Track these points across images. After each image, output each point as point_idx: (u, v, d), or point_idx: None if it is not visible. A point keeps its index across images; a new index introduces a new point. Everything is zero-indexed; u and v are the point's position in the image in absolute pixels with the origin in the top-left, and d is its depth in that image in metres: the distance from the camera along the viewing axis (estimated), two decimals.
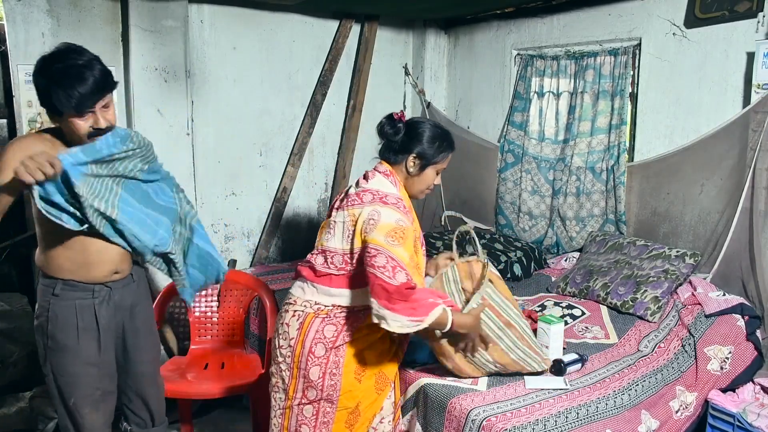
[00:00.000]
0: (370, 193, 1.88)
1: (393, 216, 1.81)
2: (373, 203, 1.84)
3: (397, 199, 1.87)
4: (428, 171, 1.98)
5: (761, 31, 2.80)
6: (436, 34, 4.55)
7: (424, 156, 1.95)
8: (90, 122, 1.75)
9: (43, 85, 1.70)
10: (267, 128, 4.10)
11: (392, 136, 1.96)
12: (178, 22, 3.40)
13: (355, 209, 1.86)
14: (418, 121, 2.01)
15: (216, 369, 2.82)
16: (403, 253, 1.75)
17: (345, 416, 1.90)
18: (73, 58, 1.71)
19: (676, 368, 2.48)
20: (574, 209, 3.71)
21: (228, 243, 4.04)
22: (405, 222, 1.81)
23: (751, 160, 2.80)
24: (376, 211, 1.81)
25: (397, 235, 1.77)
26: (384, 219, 1.79)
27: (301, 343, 1.87)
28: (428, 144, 1.96)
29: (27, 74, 3.13)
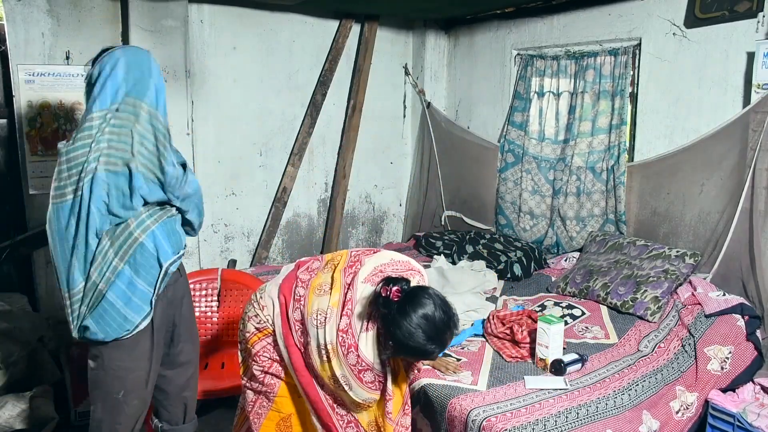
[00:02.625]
0: (353, 354, 1.65)
1: (362, 395, 1.71)
2: (350, 370, 1.66)
3: (374, 377, 1.69)
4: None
5: (761, 31, 2.80)
6: (436, 34, 4.55)
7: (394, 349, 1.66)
8: None
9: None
10: (267, 128, 4.10)
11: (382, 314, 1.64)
12: (178, 22, 3.40)
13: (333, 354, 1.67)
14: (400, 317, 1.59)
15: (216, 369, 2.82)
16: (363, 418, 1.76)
17: (277, 418, 1.90)
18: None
19: (676, 368, 2.48)
20: (574, 209, 3.71)
21: (228, 243, 4.04)
22: (373, 399, 1.74)
23: (751, 160, 2.80)
24: (347, 379, 1.67)
25: (362, 407, 1.76)
26: (353, 394, 1.70)
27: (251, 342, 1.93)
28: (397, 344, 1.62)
29: (27, 74, 3.14)
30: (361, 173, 4.57)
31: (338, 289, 1.71)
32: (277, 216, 4.17)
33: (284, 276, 1.90)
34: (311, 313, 1.71)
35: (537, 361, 2.39)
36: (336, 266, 1.79)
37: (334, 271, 1.77)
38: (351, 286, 1.70)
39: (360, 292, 1.69)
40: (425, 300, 1.61)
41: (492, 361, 2.44)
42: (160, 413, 2.12)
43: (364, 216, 4.70)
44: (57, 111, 3.23)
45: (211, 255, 3.96)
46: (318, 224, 4.47)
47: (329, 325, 1.67)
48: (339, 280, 1.73)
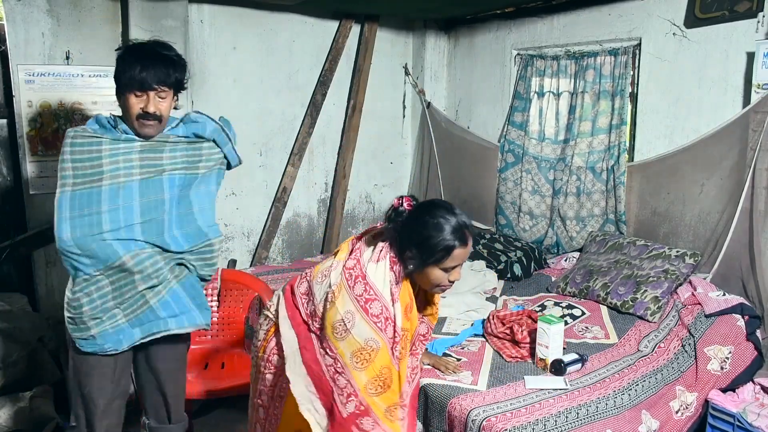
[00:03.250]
0: (363, 284, 1.58)
1: (364, 333, 1.54)
2: (357, 302, 1.56)
3: (381, 308, 1.56)
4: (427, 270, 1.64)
5: (761, 31, 2.80)
6: (436, 34, 4.55)
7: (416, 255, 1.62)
8: (142, 104, 1.83)
9: (117, 63, 1.83)
10: (267, 128, 4.10)
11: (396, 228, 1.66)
12: (178, 22, 3.40)
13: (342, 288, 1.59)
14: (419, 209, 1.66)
15: (216, 369, 2.82)
16: (362, 378, 1.55)
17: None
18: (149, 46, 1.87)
19: (676, 368, 2.48)
20: (574, 209, 3.71)
21: (228, 243, 4.04)
22: (376, 342, 1.54)
23: (751, 160, 2.80)
24: (351, 315, 1.55)
25: (363, 357, 1.55)
26: (355, 333, 1.55)
27: (263, 348, 1.83)
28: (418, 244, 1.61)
29: (27, 74, 3.14)
30: (361, 173, 4.57)
31: (344, 250, 1.71)
32: (277, 216, 4.18)
33: None
34: (317, 274, 1.70)
35: (537, 361, 2.39)
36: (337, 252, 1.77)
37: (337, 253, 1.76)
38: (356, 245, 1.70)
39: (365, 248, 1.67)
40: (439, 202, 1.64)
41: (492, 361, 2.44)
42: (147, 410, 2.12)
43: (364, 216, 4.70)
44: (57, 111, 3.23)
45: None
46: (318, 224, 4.47)
47: (335, 272, 1.63)
48: (344, 249, 1.73)
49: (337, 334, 1.56)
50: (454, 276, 1.64)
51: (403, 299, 1.60)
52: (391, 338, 1.57)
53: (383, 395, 1.57)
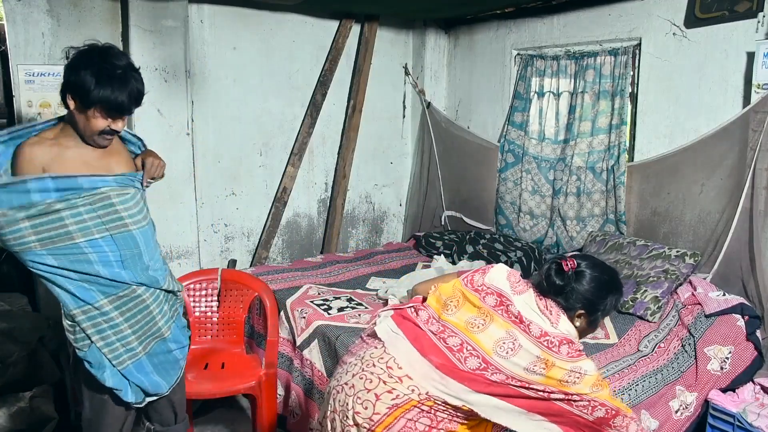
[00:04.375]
0: (567, 345, 1.65)
1: (591, 367, 1.66)
2: (572, 360, 1.64)
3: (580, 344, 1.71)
4: None
5: (761, 31, 2.80)
6: (436, 34, 4.55)
7: (595, 314, 1.76)
8: (109, 123, 1.78)
9: (84, 77, 1.71)
10: (267, 128, 4.10)
11: (559, 290, 1.72)
12: (178, 22, 3.40)
13: (550, 357, 1.62)
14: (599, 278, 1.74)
15: (216, 369, 2.82)
16: (604, 393, 1.66)
17: None
18: (119, 64, 1.75)
19: (676, 368, 2.48)
20: (574, 209, 3.71)
21: (228, 243, 4.04)
22: (597, 370, 1.70)
23: (751, 160, 2.80)
24: (577, 369, 1.63)
25: (599, 383, 1.65)
26: (588, 370, 1.64)
27: (384, 425, 1.58)
28: (604, 306, 1.76)
29: (27, 74, 3.14)
30: (361, 173, 4.57)
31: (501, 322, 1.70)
32: (277, 216, 4.18)
33: None
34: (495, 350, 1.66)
35: None
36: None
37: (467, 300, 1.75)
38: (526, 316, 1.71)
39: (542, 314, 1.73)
40: (595, 260, 1.79)
41: None
42: (150, 415, 2.12)
43: (364, 216, 4.70)
44: (57, 111, 3.23)
45: (211, 255, 3.96)
46: (318, 224, 4.47)
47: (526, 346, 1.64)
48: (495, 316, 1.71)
49: (571, 384, 1.62)
50: None
51: None
52: None
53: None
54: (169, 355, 1.99)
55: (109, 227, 1.83)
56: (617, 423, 1.66)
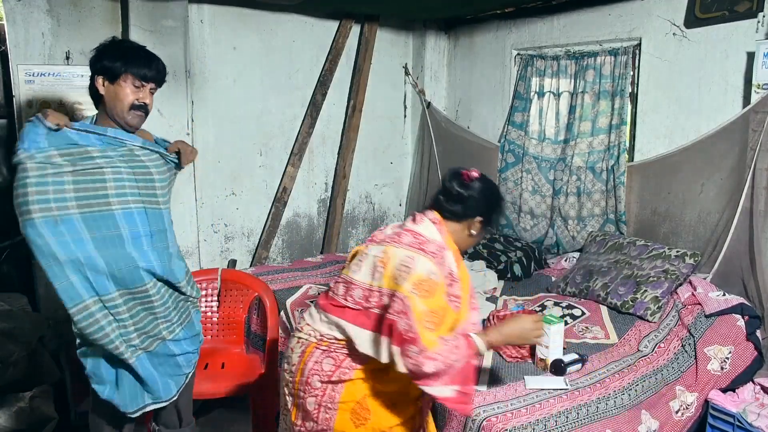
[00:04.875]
0: (411, 235, 1.73)
1: (426, 266, 1.66)
2: (411, 248, 1.69)
3: (438, 248, 1.72)
4: (483, 230, 1.88)
5: (761, 31, 2.80)
6: (436, 35, 4.55)
7: (489, 221, 1.86)
8: (139, 95, 1.86)
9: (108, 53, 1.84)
10: (267, 128, 4.10)
11: (459, 198, 1.80)
12: (178, 22, 3.40)
13: (390, 247, 1.71)
14: (492, 185, 1.88)
15: (216, 369, 2.82)
16: (420, 306, 1.62)
17: None
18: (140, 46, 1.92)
19: (676, 368, 2.48)
20: (574, 209, 3.71)
21: (228, 243, 4.04)
22: (437, 276, 1.67)
23: (751, 160, 2.80)
24: (410, 258, 1.66)
25: (424, 287, 1.63)
26: (419, 268, 1.65)
27: (300, 371, 1.77)
28: (498, 212, 1.88)
29: (27, 74, 3.14)
30: (361, 173, 4.57)
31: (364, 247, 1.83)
32: (277, 216, 4.18)
33: None
34: (351, 266, 1.81)
35: (537, 361, 2.39)
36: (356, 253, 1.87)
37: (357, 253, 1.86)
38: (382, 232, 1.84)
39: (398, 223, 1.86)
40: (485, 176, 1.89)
41: (492, 361, 2.44)
42: (158, 416, 2.12)
43: (364, 216, 4.70)
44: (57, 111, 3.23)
45: (211, 255, 3.96)
46: (318, 224, 4.47)
47: (373, 248, 1.77)
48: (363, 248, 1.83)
49: (399, 279, 1.64)
50: None
51: (451, 246, 1.78)
52: (448, 276, 1.71)
53: (435, 332, 1.63)
54: (171, 359, 1.99)
55: (144, 199, 1.88)
56: (411, 352, 1.60)
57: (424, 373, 1.60)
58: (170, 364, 1.99)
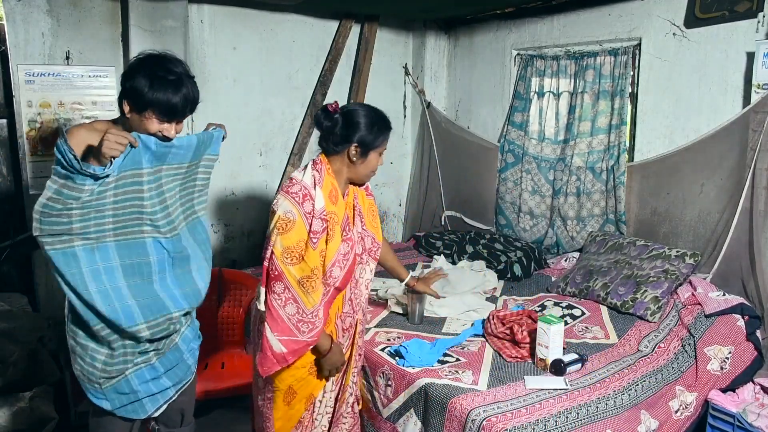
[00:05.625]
0: (288, 181, 1.95)
1: (284, 206, 1.86)
2: (280, 192, 1.91)
3: (301, 188, 1.88)
4: (371, 156, 1.99)
5: (761, 31, 2.80)
6: (436, 35, 4.55)
7: (364, 143, 1.95)
8: (163, 127, 1.79)
9: (140, 81, 1.74)
10: (267, 128, 4.10)
11: (330, 129, 1.95)
12: (178, 22, 3.40)
13: (274, 200, 1.93)
14: (353, 109, 1.98)
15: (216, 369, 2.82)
16: (278, 246, 1.83)
17: (281, 396, 2.01)
18: (176, 69, 1.83)
19: (676, 368, 2.48)
20: (574, 209, 3.71)
21: (228, 243, 4.04)
22: (293, 214, 1.85)
23: (751, 160, 2.80)
24: (277, 200, 1.89)
25: (281, 225, 1.84)
26: (279, 209, 1.86)
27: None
28: (367, 131, 1.95)
29: (27, 74, 3.14)
30: None
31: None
32: None
33: None
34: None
35: (537, 361, 2.39)
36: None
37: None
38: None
39: None
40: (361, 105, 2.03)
41: (492, 361, 2.44)
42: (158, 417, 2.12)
43: None
44: (57, 111, 3.23)
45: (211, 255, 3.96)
46: None
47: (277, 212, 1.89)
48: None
49: (270, 222, 1.87)
50: (381, 161, 2.05)
51: (326, 186, 1.92)
52: (309, 213, 1.86)
53: (297, 266, 1.84)
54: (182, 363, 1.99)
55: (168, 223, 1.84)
56: (276, 290, 1.83)
57: (277, 314, 1.83)
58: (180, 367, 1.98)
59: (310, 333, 1.86)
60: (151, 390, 1.91)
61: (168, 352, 1.93)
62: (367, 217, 2.10)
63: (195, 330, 2.06)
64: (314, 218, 1.86)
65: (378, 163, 2.04)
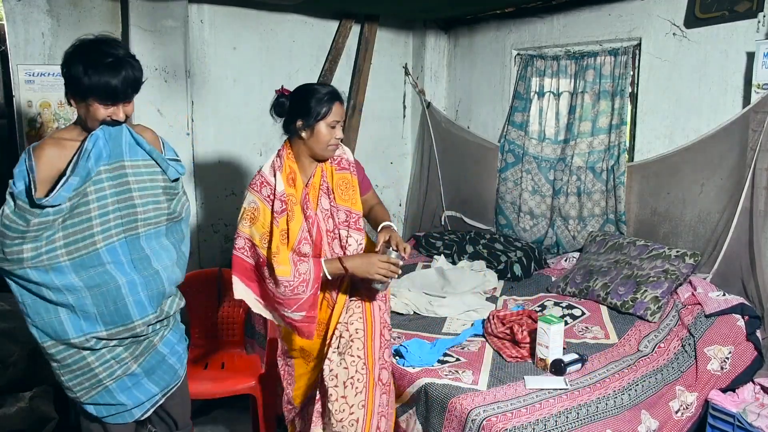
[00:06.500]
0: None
1: (248, 199, 2.02)
2: (247, 186, 2.05)
3: (259, 177, 2.03)
4: (319, 128, 2.01)
5: (761, 31, 2.80)
6: (436, 35, 4.55)
7: (306, 116, 2.01)
8: (110, 111, 1.74)
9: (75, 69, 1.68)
10: (267, 128, 4.09)
11: (281, 112, 2.10)
12: (178, 22, 3.40)
13: None
14: (296, 88, 2.10)
15: (216, 369, 2.82)
16: (255, 235, 1.96)
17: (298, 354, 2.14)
18: (112, 51, 1.72)
19: (676, 368, 2.48)
20: (575, 209, 3.71)
21: (228, 243, 4.04)
22: (255, 203, 1.99)
23: (751, 160, 2.80)
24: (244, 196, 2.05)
25: (249, 215, 1.99)
26: (245, 203, 2.03)
27: None
28: (305, 104, 2.02)
29: (27, 74, 3.14)
30: None
31: None
32: None
33: None
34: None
35: (537, 361, 2.39)
36: None
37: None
38: None
39: None
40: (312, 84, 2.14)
41: (492, 361, 2.45)
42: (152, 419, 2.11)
43: None
44: (57, 111, 3.23)
45: (211, 255, 3.96)
46: None
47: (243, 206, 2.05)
48: None
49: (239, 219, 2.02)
50: (338, 133, 2.03)
51: (285, 170, 2.05)
52: (268, 196, 1.99)
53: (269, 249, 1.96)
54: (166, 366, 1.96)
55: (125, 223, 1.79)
56: (266, 274, 1.93)
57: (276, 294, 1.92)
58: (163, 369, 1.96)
59: (309, 288, 1.93)
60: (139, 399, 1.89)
61: (149, 357, 1.90)
62: (337, 191, 2.10)
63: (179, 333, 2.01)
64: (275, 200, 1.96)
65: (333, 135, 2.02)
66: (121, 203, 1.78)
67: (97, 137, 1.72)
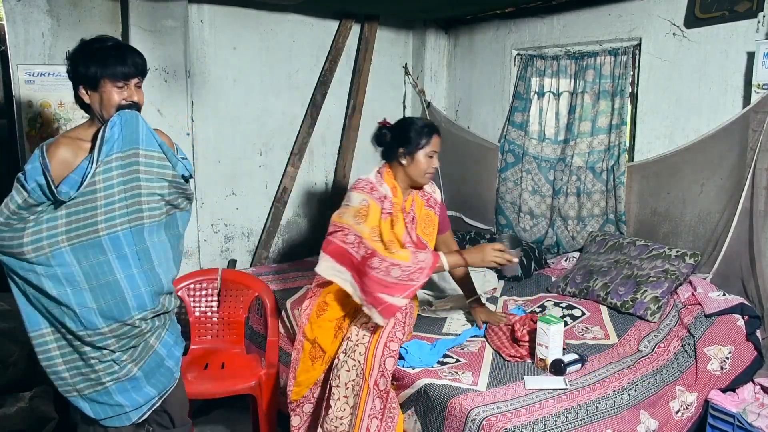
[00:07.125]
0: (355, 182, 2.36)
1: (357, 198, 2.23)
2: (349, 189, 2.32)
3: (366, 183, 2.30)
4: (418, 157, 2.32)
5: (761, 31, 2.80)
6: (436, 34, 4.55)
7: (408, 145, 2.32)
8: (124, 94, 1.81)
9: (81, 61, 1.77)
10: (267, 128, 4.10)
11: (382, 141, 2.39)
12: (178, 22, 3.40)
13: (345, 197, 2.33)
14: (399, 120, 2.44)
15: (216, 369, 2.82)
16: (365, 230, 2.15)
17: (309, 347, 2.31)
18: (111, 42, 1.85)
19: (676, 368, 2.48)
20: (574, 209, 3.71)
21: (228, 243, 4.04)
22: (366, 201, 2.22)
23: (751, 160, 2.80)
24: (347, 197, 2.29)
25: (361, 214, 2.20)
26: (352, 201, 2.23)
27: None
28: (407, 135, 2.33)
29: (27, 74, 3.14)
30: (361, 173, 4.53)
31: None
32: (277, 216, 4.18)
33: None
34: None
35: (537, 361, 2.39)
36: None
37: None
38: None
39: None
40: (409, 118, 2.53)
41: (492, 361, 2.44)
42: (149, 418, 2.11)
43: None
44: (57, 111, 3.23)
45: (211, 255, 3.96)
46: (318, 224, 4.46)
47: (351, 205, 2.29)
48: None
49: (343, 215, 2.23)
50: (435, 163, 2.35)
51: (388, 183, 2.33)
52: (380, 198, 2.25)
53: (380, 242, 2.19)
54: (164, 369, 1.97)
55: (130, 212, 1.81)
56: (374, 265, 2.10)
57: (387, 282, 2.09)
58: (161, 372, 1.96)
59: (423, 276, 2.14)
60: (137, 402, 1.90)
61: (148, 359, 1.90)
62: (420, 223, 2.38)
63: (175, 334, 2.02)
64: (385, 200, 2.24)
65: (431, 165, 2.34)
66: (127, 192, 1.80)
67: (113, 123, 1.77)
